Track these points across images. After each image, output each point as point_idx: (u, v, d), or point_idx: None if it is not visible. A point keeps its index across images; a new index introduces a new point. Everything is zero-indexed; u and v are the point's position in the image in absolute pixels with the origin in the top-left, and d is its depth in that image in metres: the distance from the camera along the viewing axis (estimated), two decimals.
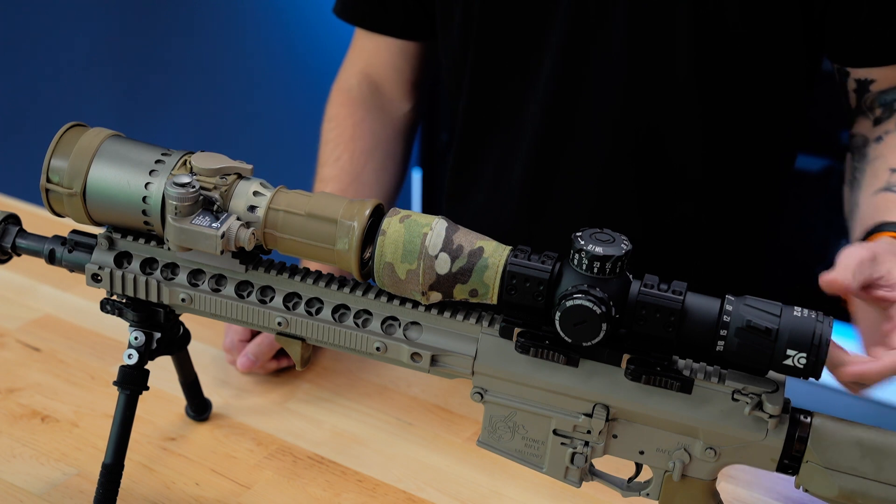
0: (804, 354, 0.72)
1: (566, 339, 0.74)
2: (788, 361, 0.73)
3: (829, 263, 0.83)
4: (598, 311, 0.72)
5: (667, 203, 1.15)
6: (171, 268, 0.85)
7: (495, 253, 0.76)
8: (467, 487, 1.00)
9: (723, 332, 0.73)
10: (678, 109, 1.09)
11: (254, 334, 1.13)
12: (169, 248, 0.80)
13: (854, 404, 2.49)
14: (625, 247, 0.73)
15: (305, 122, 3.03)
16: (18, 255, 0.88)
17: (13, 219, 0.88)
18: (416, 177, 2.78)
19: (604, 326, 0.72)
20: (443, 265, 0.76)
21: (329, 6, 1.29)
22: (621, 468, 0.86)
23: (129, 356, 0.88)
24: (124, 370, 0.88)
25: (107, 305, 0.88)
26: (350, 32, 1.32)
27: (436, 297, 0.78)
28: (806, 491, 0.78)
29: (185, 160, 0.80)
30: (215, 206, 0.79)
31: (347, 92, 1.28)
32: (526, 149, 1.16)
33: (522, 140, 1.16)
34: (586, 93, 1.10)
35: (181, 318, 0.93)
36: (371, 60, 1.27)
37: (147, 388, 0.89)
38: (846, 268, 0.79)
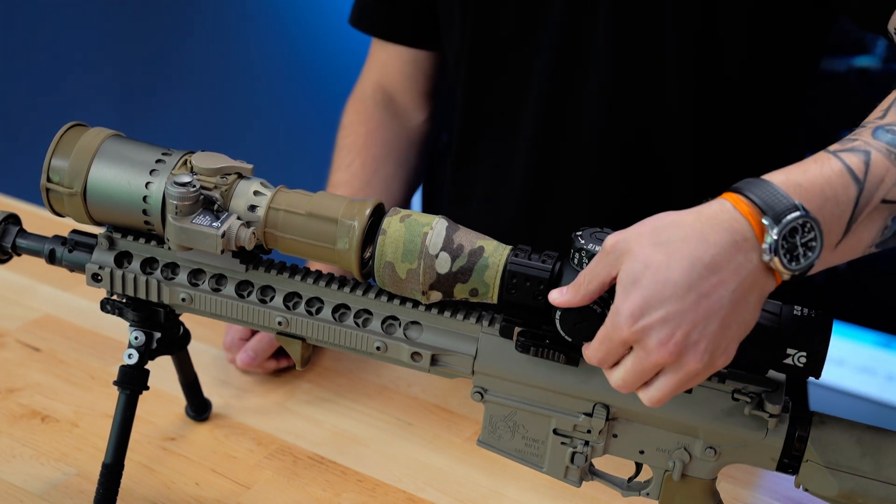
0: (804, 353, 0.73)
1: (566, 338, 0.74)
2: (788, 360, 0.73)
3: None
4: (598, 310, 0.72)
5: (666, 203, 1.15)
6: (172, 267, 0.85)
7: (495, 252, 0.76)
8: (467, 487, 1.00)
9: None
10: (670, 108, 1.09)
11: (254, 333, 1.13)
12: (169, 248, 0.80)
13: (854, 404, 2.49)
14: None
15: (306, 121, 3.03)
16: (18, 254, 0.88)
17: (13, 219, 0.88)
18: None
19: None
20: (443, 264, 0.76)
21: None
22: (621, 468, 0.86)
23: (130, 356, 0.88)
24: (124, 370, 0.88)
25: (107, 305, 0.88)
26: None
27: (436, 296, 0.78)
28: (806, 490, 0.78)
29: (186, 160, 0.80)
30: (216, 206, 0.79)
31: (362, 101, 1.29)
32: (524, 149, 1.16)
33: (520, 140, 1.16)
34: (580, 91, 1.11)
35: (181, 318, 0.93)
36: (384, 70, 1.29)
37: (147, 388, 0.90)
38: (576, 284, 0.71)
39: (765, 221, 0.66)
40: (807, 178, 0.69)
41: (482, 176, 1.23)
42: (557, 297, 0.72)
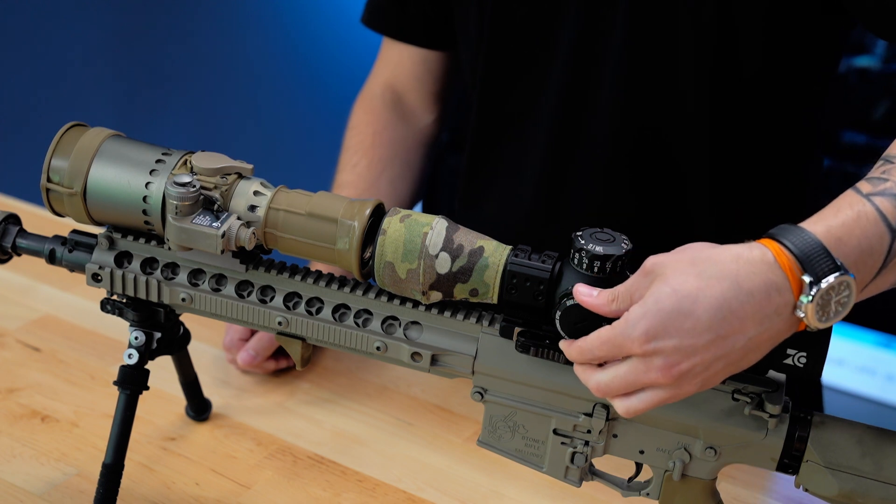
0: (804, 354, 0.73)
1: (566, 337, 0.74)
2: (788, 360, 0.73)
3: None
4: None
5: (678, 206, 1.15)
6: (172, 267, 0.85)
7: (495, 252, 0.76)
8: (467, 487, 1.00)
9: None
10: (685, 109, 1.09)
11: (254, 333, 1.13)
12: (169, 248, 0.80)
13: (854, 404, 2.49)
14: (625, 246, 0.73)
15: (306, 121, 3.03)
16: (19, 254, 0.88)
17: (13, 219, 0.88)
18: None
19: (604, 326, 0.72)
20: (443, 264, 0.76)
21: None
22: (621, 468, 0.86)
23: (130, 356, 0.88)
24: (124, 370, 0.88)
25: (107, 305, 0.89)
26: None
27: (436, 296, 0.78)
28: (806, 490, 0.78)
29: (186, 160, 0.80)
30: (216, 206, 0.79)
31: (370, 101, 1.29)
32: (540, 149, 1.16)
33: (536, 140, 1.16)
34: (597, 91, 1.10)
35: (181, 318, 0.93)
36: (395, 70, 1.29)
37: (147, 388, 0.90)
38: (613, 294, 0.71)
39: (805, 279, 0.66)
40: (845, 231, 0.69)
41: (497, 176, 1.22)
42: (585, 293, 0.71)
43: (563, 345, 0.73)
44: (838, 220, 0.69)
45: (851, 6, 0.98)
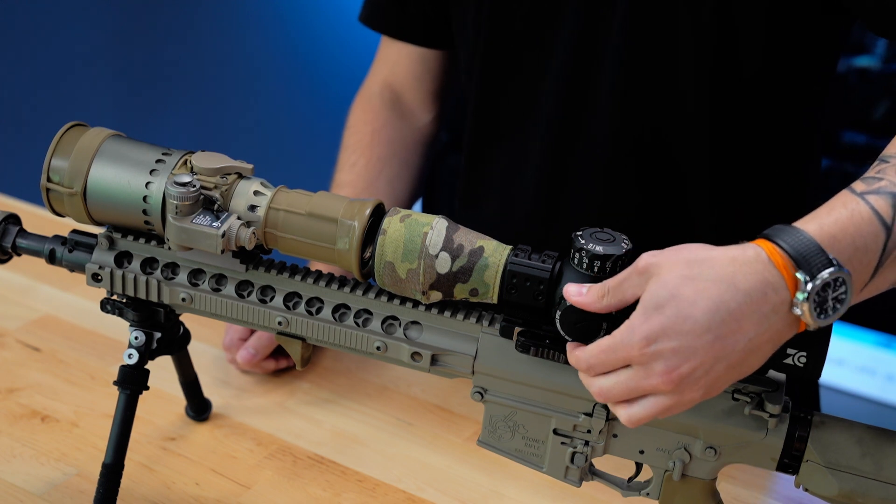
0: (804, 353, 0.73)
1: (566, 337, 0.74)
2: (788, 360, 0.73)
3: None
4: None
5: (678, 206, 1.15)
6: (172, 267, 0.85)
7: (496, 252, 0.76)
8: (467, 487, 1.00)
9: None
10: (685, 109, 1.08)
11: (254, 333, 1.13)
12: (169, 248, 0.80)
13: (854, 404, 2.49)
14: (625, 246, 0.73)
15: (306, 121, 3.03)
16: (19, 254, 0.88)
17: (13, 219, 0.88)
18: None
19: (604, 325, 0.72)
20: (443, 264, 0.76)
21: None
22: (621, 468, 0.86)
23: (130, 356, 0.88)
24: (124, 370, 0.88)
25: (107, 305, 0.89)
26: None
27: (436, 296, 0.78)
28: (806, 490, 0.79)
29: (186, 160, 0.80)
30: (216, 206, 0.79)
31: (369, 100, 1.29)
32: (538, 148, 1.15)
33: (534, 139, 1.16)
34: (595, 91, 1.10)
35: (181, 318, 0.93)
36: (393, 69, 1.29)
37: (147, 388, 0.90)
38: (601, 290, 0.71)
39: (799, 276, 0.66)
40: (839, 228, 0.69)
41: (496, 176, 1.22)
42: (575, 292, 0.72)
43: (569, 347, 0.74)
44: (831, 218, 0.70)
45: (851, 5, 0.98)
